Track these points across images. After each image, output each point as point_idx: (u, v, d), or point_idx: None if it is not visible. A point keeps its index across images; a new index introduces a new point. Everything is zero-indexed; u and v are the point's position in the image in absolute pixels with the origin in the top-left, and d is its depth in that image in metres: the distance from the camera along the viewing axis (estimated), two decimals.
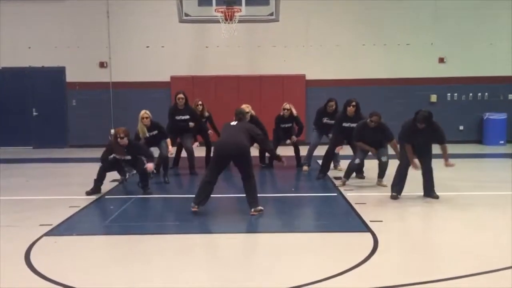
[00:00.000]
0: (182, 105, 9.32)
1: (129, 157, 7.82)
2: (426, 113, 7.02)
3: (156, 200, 7.76)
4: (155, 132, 8.66)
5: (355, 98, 8.86)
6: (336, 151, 8.91)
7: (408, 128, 7.21)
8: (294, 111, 9.97)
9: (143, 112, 8.61)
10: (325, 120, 9.57)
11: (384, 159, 8.18)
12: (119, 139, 7.59)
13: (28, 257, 5.05)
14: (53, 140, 13.90)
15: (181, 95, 9.30)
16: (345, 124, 8.70)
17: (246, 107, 9.36)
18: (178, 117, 9.33)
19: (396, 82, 13.79)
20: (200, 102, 9.90)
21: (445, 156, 7.23)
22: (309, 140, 10.67)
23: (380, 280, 4.45)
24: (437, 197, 7.33)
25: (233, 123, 6.87)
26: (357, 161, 8.32)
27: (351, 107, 8.66)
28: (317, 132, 9.81)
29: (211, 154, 7.57)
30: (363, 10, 13.60)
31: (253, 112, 9.63)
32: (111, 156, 7.85)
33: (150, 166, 7.83)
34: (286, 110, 9.89)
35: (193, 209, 6.53)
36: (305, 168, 9.88)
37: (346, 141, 8.97)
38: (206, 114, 10.01)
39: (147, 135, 8.56)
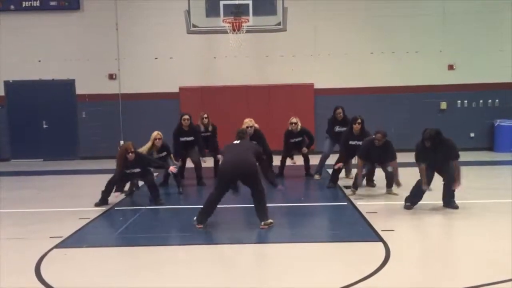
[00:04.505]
0: (187, 126, 9.31)
1: (138, 170, 7.82)
2: (433, 132, 6.91)
3: (165, 211, 7.75)
4: (164, 153, 8.66)
5: (360, 115, 8.82)
6: (335, 167, 8.85)
7: (420, 148, 7.10)
8: (300, 124, 9.86)
9: (156, 133, 8.56)
10: (337, 128, 9.58)
11: (390, 169, 8.14)
12: (130, 154, 7.60)
13: (38, 269, 5.06)
14: (64, 152, 13.96)
15: (186, 117, 9.30)
16: (351, 142, 8.67)
17: (250, 121, 9.35)
18: (182, 139, 9.31)
19: (406, 90, 13.72)
20: (205, 115, 9.88)
21: (456, 174, 7.00)
22: (318, 149, 10.63)
23: None
24: (456, 207, 7.18)
25: (236, 142, 6.84)
26: (364, 171, 8.26)
27: (357, 124, 8.62)
28: (330, 140, 9.79)
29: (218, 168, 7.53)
30: (371, 18, 13.59)
31: (256, 126, 9.54)
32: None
33: (172, 168, 7.99)
34: (293, 124, 9.79)
35: (198, 227, 6.47)
36: (316, 177, 9.85)
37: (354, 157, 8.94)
38: (210, 128, 9.96)
39: (156, 156, 8.55)
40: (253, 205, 6.64)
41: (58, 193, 9.21)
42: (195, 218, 6.57)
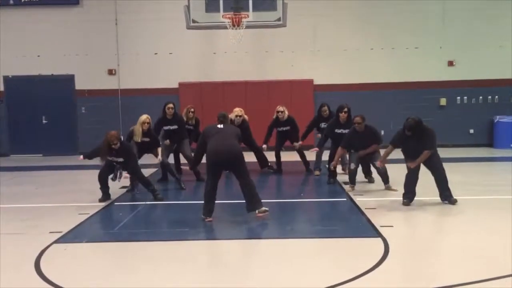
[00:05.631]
0: (171, 115, 9.29)
1: (121, 159, 7.73)
2: (413, 121, 6.99)
3: (164, 207, 7.74)
4: (147, 139, 8.55)
5: (347, 103, 8.87)
6: (310, 151, 9.11)
7: (400, 134, 7.24)
8: (286, 113, 9.86)
9: (145, 117, 8.53)
10: (322, 125, 9.64)
11: (377, 165, 8.11)
12: (113, 145, 7.51)
13: (38, 265, 5.06)
14: (63, 147, 13.96)
15: (171, 105, 9.28)
16: (337, 131, 8.70)
17: (240, 111, 9.48)
18: (166, 127, 9.32)
19: (405, 86, 13.71)
20: (192, 110, 9.77)
21: (418, 160, 7.03)
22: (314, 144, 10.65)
23: (391, 286, 4.40)
24: (455, 202, 7.19)
25: (220, 126, 6.78)
26: (352, 166, 8.26)
27: (343, 113, 8.65)
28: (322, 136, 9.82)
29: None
30: (371, 14, 13.57)
31: (245, 117, 9.64)
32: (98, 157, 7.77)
33: (125, 175, 7.74)
34: (280, 113, 9.81)
35: (207, 220, 6.50)
36: (316, 172, 9.86)
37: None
38: (193, 122, 9.79)
39: (139, 140, 8.46)
40: None
41: (58, 189, 9.22)
42: (202, 214, 6.56)
